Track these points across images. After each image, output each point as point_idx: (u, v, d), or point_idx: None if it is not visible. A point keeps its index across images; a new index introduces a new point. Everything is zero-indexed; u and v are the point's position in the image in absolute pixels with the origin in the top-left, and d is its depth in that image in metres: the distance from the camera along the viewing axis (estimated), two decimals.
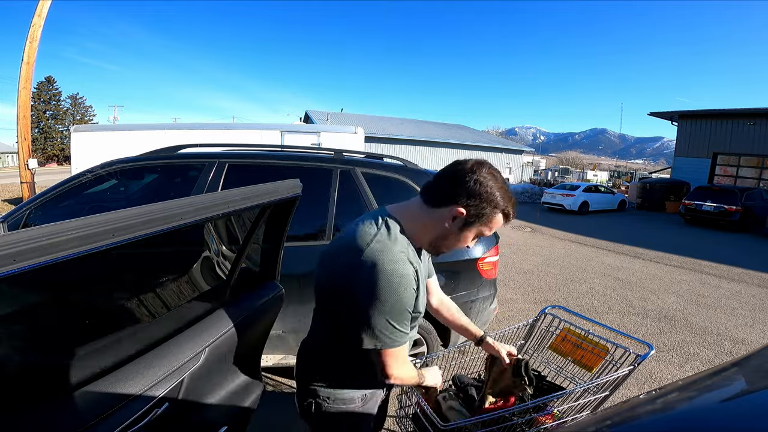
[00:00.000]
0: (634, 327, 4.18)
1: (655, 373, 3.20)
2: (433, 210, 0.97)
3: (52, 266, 0.61)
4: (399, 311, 0.92)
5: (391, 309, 0.91)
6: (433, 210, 0.97)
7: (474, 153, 35.01)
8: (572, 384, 1.49)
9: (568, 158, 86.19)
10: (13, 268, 0.55)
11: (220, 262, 1.44)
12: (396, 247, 0.93)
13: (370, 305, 0.90)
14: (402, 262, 0.91)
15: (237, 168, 2.60)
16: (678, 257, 7.76)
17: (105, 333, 1.03)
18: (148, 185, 2.95)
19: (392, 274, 0.89)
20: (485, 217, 0.95)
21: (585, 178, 32.08)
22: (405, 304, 0.92)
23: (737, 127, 17.30)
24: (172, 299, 1.27)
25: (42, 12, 6.80)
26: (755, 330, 4.26)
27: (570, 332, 1.54)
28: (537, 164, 46.85)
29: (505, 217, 0.99)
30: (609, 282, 5.85)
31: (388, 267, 0.89)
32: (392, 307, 0.91)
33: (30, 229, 0.59)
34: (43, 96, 52.50)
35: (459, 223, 0.96)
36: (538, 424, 1.27)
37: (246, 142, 7.73)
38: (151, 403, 1.01)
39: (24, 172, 7.04)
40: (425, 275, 1.09)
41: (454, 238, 0.99)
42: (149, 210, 0.79)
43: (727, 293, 5.54)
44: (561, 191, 15.24)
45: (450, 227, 0.97)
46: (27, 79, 6.80)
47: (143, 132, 8.27)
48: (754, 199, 12.30)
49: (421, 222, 0.99)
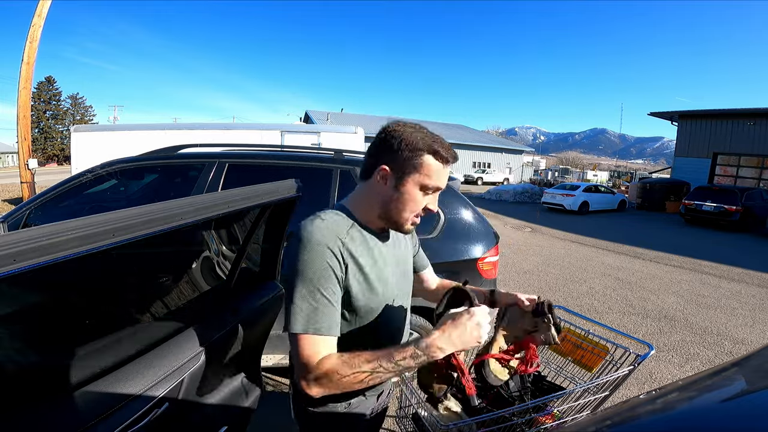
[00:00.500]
0: (634, 327, 4.18)
1: (655, 373, 3.20)
2: (367, 182, 0.95)
3: (52, 266, 0.61)
4: (310, 280, 0.84)
5: (303, 277, 0.84)
6: (367, 182, 0.95)
7: (474, 153, 35.09)
8: (572, 384, 1.49)
9: (568, 158, 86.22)
10: (13, 268, 0.55)
11: (220, 262, 1.44)
12: (325, 224, 0.89)
13: (291, 278, 0.86)
14: (323, 230, 0.87)
15: (237, 168, 2.60)
16: (678, 257, 7.76)
17: (105, 333, 1.03)
18: (148, 185, 2.95)
19: (308, 240, 0.85)
20: (412, 164, 0.89)
21: (585, 178, 32.08)
22: (317, 274, 0.84)
23: (737, 127, 17.30)
24: (172, 299, 1.27)
25: (42, 12, 6.80)
26: (755, 330, 4.26)
27: (570, 332, 1.54)
28: (537, 164, 46.86)
29: (437, 157, 0.90)
30: (609, 282, 5.85)
31: (304, 234, 0.86)
32: (303, 274, 0.84)
33: (30, 229, 0.59)
34: (43, 96, 52.53)
35: (391, 182, 0.91)
36: (538, 424, 1.27)
37: (246, 142, 7.73)
38: (151, 403, 1.01)
39: (24, 172, 7.04)
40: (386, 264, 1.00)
41: (398, 199, 0.92)
42: (149, 210, 0.79)
43: (727, 293, 5.54)
44: (561, 191, 15.24)
45: (385, 190, 0.92)
46: (27, 79, 6.80)
47: (143, 132, 8.27)
48: (754, 199, 12.31)
49: (364, 199, 0.97)
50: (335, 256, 0.86)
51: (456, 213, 2.60)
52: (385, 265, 0.99)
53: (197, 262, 1.37)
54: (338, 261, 0.87)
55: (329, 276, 0.85)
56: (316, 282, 0.84)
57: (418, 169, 0.90)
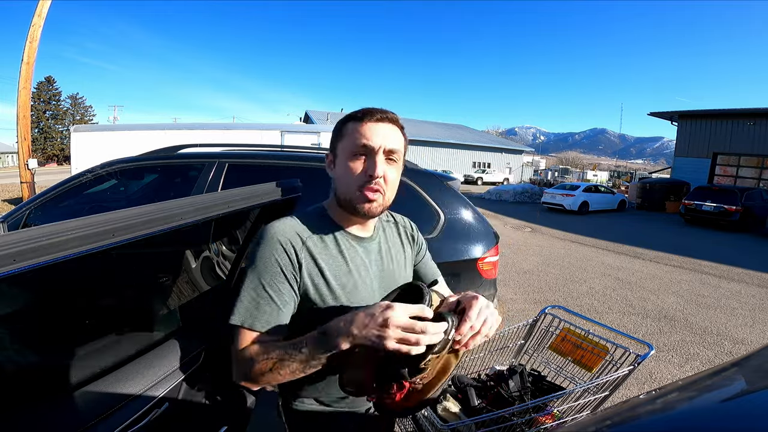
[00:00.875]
0: (634, 327, 4.18)
1: (655, 373, 3.20)
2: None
3: (52, 266, 0.61)
4: (257, 275, 0.82)
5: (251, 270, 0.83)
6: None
7: (474, 153, 35.10)
8: (572, 384, 1.49)
9: (568, 158, 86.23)
10: (13, 268, 0.55)
11: (220, 262, 1.45)
12: (289, 221, 0.89)
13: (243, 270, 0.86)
14: (283, 226, 0.86)
15: (237, 168, 2.60)
16: (678, 257, 7.76)
17: (105, 333, 1.04)
18: (148, 185, 2.95)
19: (265, 235, 0.85)
20: (338, 137, 0.90)
21: (585, 178, 32.09)
22: (265, 269, 0.82)
23: (737, 127, 17.31)
24: (172, 299, 1.27)
25: (42, 12, 6.81)
26: (755, 330, 4.26)
27: (570, 332, 1.54)
28: (537, 164, 46.89)
29: (354, 120, 0.88)
30: (609, 282, 5.85)
31: (265, 229, 0.86)
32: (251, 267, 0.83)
33: (30, 229, 0.59)
34: (43, 96, 52.54)
35: (333, 164, 0.92)
36: (538, 424, 1.27)
37: (246, 142, 7.73)
38: (151, 403, 1.01)
39: (24, 172, 7.04)
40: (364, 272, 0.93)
41: (341, 176, 0.89)
42: (149, 210, 0.79)
43: (727, 293, 5.54)
44: (561, 191, 15.24)
45: (333, 173, 0.92)
46: (27, 79, 6.80)
47: (143, 132, 8.28)
48: (754, 199, 12.31)
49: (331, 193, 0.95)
50: (286, 253, 0.83)
51: (456, 213, 2.60)
52: (360, 272, 0.93)
53: (197, 262, 1.37)
54: (289, 258, 0.84)
55: (276, 272, 0.82)
56: (261, 277, 0.82)
57: (342, 138, 0.89)
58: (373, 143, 0.85)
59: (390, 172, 0.89)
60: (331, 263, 0.88)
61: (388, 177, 0.88)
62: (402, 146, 0.91)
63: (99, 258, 0.71)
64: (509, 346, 1.71)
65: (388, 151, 0.87)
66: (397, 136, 0.89)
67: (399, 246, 1.05)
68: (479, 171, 32.25)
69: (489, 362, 1.69)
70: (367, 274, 0.93)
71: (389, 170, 0.88)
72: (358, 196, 0.87)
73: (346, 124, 0.89)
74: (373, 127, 0.86)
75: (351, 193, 0.87)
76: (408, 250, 1.07)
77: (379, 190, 0.87)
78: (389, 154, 0.88)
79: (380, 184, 0.87)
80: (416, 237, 1.10)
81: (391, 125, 0.89)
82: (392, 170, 0.89)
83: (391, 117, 0.90)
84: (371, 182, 0.86)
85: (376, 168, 0.85)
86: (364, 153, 0.86)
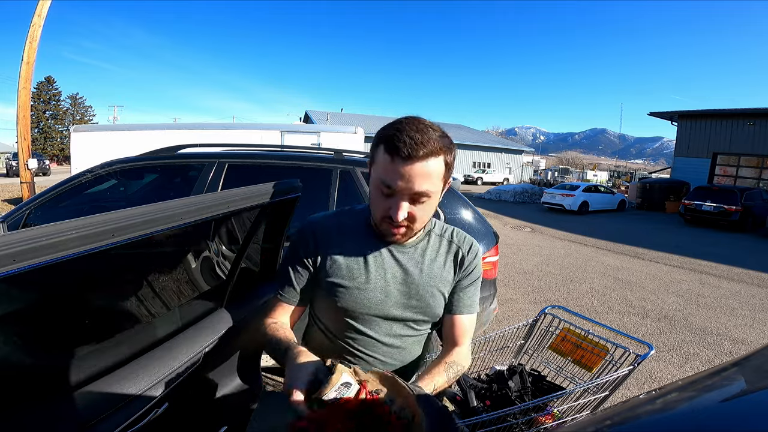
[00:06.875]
0: (634, 327, 4.18)
1: (655, 373, 3.20)
2: None
3: (52, 266, 0.61)
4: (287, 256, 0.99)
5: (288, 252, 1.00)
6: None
7: (474, 153, 35.09)
8: (572, 384, 1.49)
9: (567, 158, 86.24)
10: (13, 268, 0.55)
11: (220, 262, 1.44)
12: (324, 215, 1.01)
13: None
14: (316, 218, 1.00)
15: (237, 168, 2.60)
16: (678, 257, 7.76)
17: (105, 333, 1.03)
18: (148, 185, 2.95)
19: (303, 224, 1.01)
20: (372, 154, 0.83)
21: (585, 178, 32.06)
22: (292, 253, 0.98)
23: (737, 127, 17.31)
24: (172, 299, 1.27)
25: (42, 12, 6.80)
26: (755, 330, 4.26)
27: (570, 332, 1.54)
28: (537, 164, 46.85)
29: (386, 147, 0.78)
30: (609, 282, 5.85)
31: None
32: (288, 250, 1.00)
33: (30, 229, 0.59)
34: (42, 96, 52.50)
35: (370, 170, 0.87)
36: (538, 424, 1.27)
37: (246, 142, 7.73)
38: (151, 403, 1.01)
39: (24, 172, 7.04)
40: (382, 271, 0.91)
41: (370, 190, 0.86)
42: (149, 210, 0.79)
43: (727, 293, 5.54)
44: (561, 191, 15.24)
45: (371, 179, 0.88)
46: (27, 79, 6.80)
47: (143, 132, 8.27)
48: (754, 199, 12.31)
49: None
50: (306, 241, 0.96)
51: (456, 213, 2.60)
52: (378, 271, 0.92)
53: (197, 262, 1.37)
54: (308, 246, 0.96)
55: (296, 256, 0.97)
56: (290, 264, 0.98)
57: (374, 158, 0.83)
58: (398, 187, 0.79)
59: (418, 210, 0.83)
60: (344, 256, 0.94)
61: (415, 215, 0.83)
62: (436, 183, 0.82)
63: (99, 258, 0.71)
64: (509, 346, 1.71)
65: (415, 194, 0.80)
66: (429, 176, 0.79)
67: (441, 264, 0.97)
68: (479, 171, 32.24)
69: (489, 362, 1.69)
70: (383, 275, 0.92)
71: (417, 209, 0.83)
72: (383, 226, 0.87)
73: (378, 147, 0.81)
74: (401, 169, 0.77)
75: (377, 219, 0.88)
76: (449, 273, 0.98)
77: (402, 226, 0.85)
78: (417, 196, 0.81)
79: (403, 223, 0.84)
80: (465, 264, 0.99)
81: (424, 163, 0.77)
82: (421, 208, 0.84)
83: (426, 152, 0.77)
84: (392, 221, 0.83)
85: (398, 212, 0.81)
86: (389, 193, 0.81)
